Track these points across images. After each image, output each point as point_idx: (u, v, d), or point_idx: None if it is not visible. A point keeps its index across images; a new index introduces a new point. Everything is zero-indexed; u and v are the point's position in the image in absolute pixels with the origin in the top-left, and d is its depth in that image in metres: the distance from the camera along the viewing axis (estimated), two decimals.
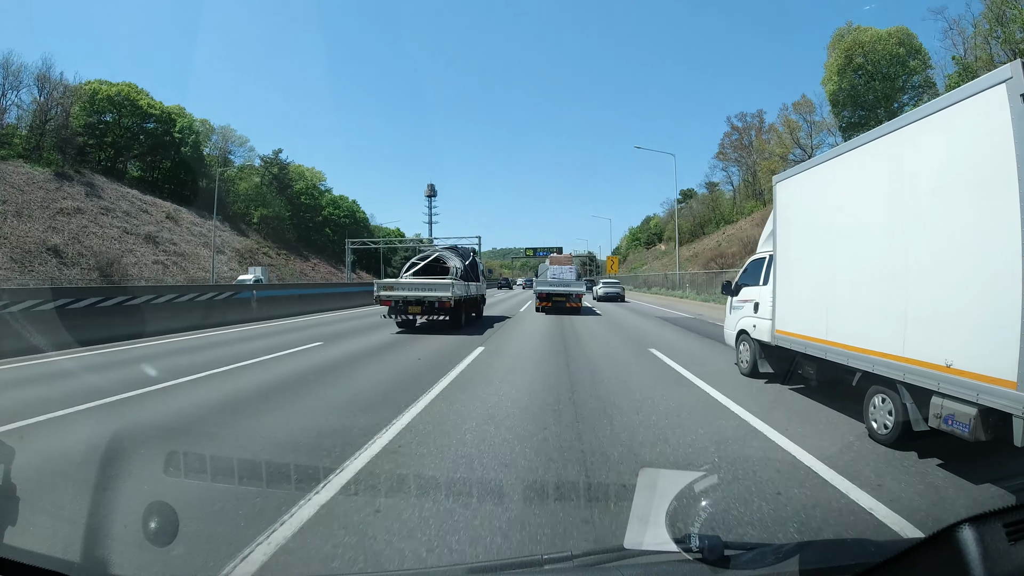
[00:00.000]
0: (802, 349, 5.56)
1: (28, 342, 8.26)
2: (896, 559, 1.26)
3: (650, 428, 4.63)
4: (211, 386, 6.19)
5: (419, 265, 14.23)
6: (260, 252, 50.12)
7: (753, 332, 6.89)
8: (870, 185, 4.58)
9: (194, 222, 44.83)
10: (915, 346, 3.84)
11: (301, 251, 60.35)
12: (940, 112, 3.73)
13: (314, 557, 2.46)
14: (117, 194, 39.48)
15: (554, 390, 6.08)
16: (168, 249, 38.52)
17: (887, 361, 4.12)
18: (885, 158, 4.33)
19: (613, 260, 62.43)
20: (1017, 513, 1.20)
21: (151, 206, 41.79)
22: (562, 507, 3.00)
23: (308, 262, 58.93)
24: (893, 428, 4.07)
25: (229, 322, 13.68)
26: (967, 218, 3.46)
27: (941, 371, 3.55)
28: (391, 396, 5.69)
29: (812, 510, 2.99)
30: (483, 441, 4.17)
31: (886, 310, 4.19)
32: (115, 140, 45.24)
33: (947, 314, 3.59)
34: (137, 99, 46.23)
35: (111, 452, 3.74)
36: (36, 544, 1.45)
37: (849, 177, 4.93)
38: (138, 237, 36.78)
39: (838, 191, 5.13)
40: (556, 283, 19.26)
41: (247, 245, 49.44)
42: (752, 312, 7.01)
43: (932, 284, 3.74)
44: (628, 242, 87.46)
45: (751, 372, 6.90)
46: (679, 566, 1.33)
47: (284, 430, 4.44)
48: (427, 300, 12.05)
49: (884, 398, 4.25)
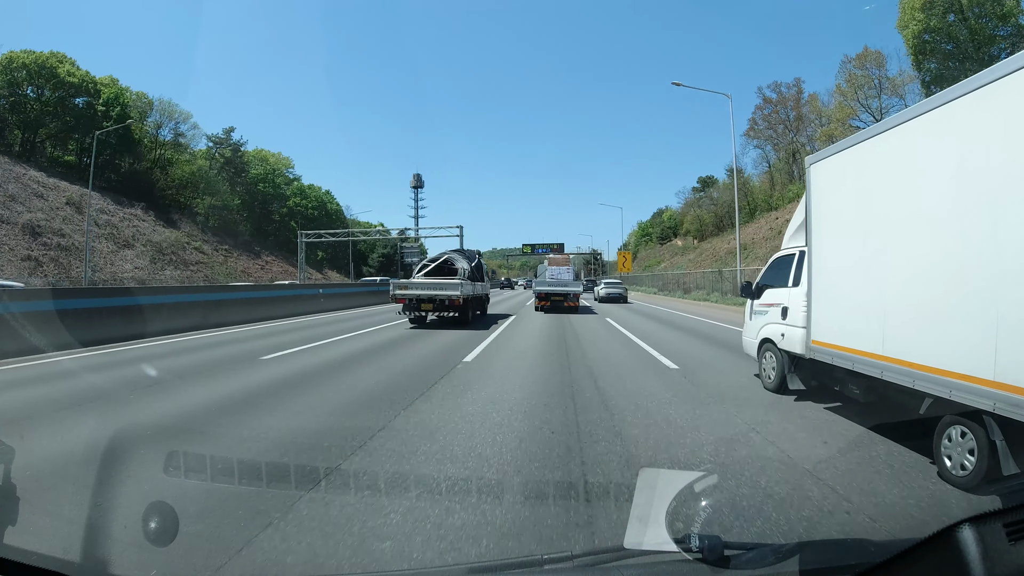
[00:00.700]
0: (847, 365, 4.62)
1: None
2: (896, 559, 1.26)
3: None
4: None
5: (430, 267, 15.60)
6: (191, 247, 43.38)
7: (781, 342, 5.92)
8: (949, 160, 3.58)
9: (106, 210, 38.20)
10: (1012, 368, 3.00)
11: (253, 247, 53.22)
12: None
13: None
14: (6, 175, 33.46)
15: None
16: (50, 242, 31.84)
17: (971, 386, 3.26)
18: (972, 124, 3.39)
19: (625, 256, 54.95)
20: (1017, 513, 1.20)
21: (51, 190, 35.54)
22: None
23: (258, 260, 51.80)
24: (975, 470, 3.26)
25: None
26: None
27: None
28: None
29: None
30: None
31: (971, 321, 3.30)
32: (38, 116, 39.89)
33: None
34: (58, 68, 39.98)
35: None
36: (36, 544, 1.45)
37: (916, 152, 3.95)
38: (13, 227, 30.47)
39: (901, 170, 4.10)
40: (554, 283, 20.29)
41: (171, 239, 41.86)
42: (779, 318, 6.07)
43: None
44: (637, 238, 78.33)
45: (778, 387, 5.92)
46: (679, 566, 1.33)
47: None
48: (438, 298, 13.36)
49: (964, 432, 3.42)
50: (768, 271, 6.71)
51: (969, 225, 3.38)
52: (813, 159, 5.52)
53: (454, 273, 15.02)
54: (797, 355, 5.62)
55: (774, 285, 6.40)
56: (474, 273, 15.43)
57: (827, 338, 5.00)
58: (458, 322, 13.92)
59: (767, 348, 6.30)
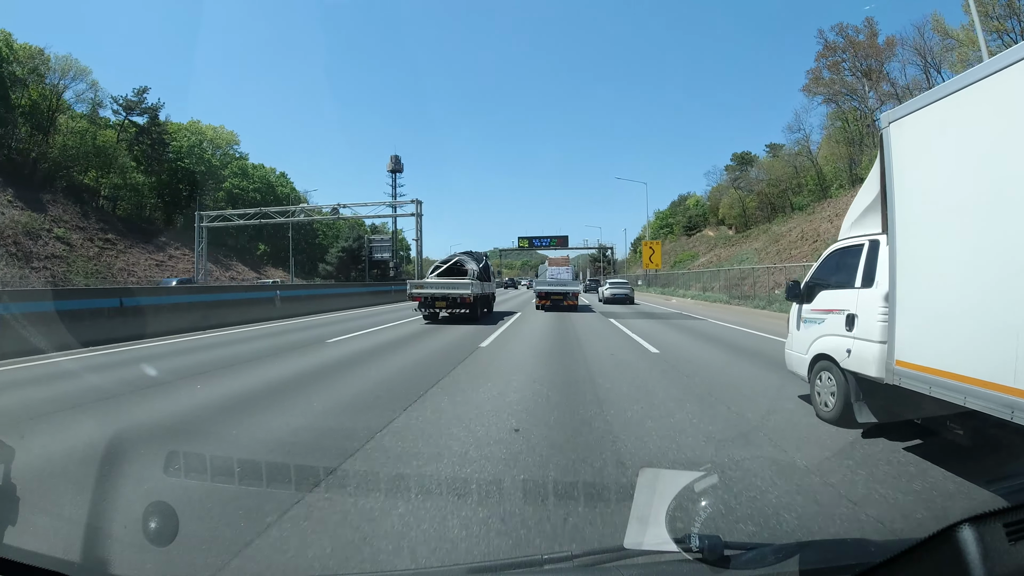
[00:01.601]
0: (955, 399, 3.34)
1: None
2: (896, 559, 1.26)
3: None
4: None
5: (442, 268, 17.03)
6: (50, 236, 34.22)
7: (845, 360, 4.61)
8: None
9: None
10: None
11: (156, 238, 42.65)
12: None
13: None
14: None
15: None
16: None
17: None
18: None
19: (653, 248, 41.07)
20: (1017, 513, 1.21)
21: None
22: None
23: (160, 253, 41.21)
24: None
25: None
26: None
27: None
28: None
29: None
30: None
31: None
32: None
33: None
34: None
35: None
36: (36, 544, 1.45)
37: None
38: None
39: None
40: (554, 283, 21.48)
41: (22, 223, 32.62)
42: (842, 328, 4.74)
43: None
44: (655, 230, 64.11)
45: (839, 418, 4.63)
46: (679, 566, 1.33)
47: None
48: (451, 296, 15.11)
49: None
50: (823, 267, 5.38)
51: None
52: (894, 114, 4.17)
53: (464, 274, 16.36)
54: (870, 378, 4.29)
55: (832, 285, 5.09)
56: (482, 273, 16.91)
57: (921, 359, 3.70)
58: (468, 318, 15.27)
59: (823, 367, 4.99)
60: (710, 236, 55.73)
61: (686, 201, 63.86)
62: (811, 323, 5.33)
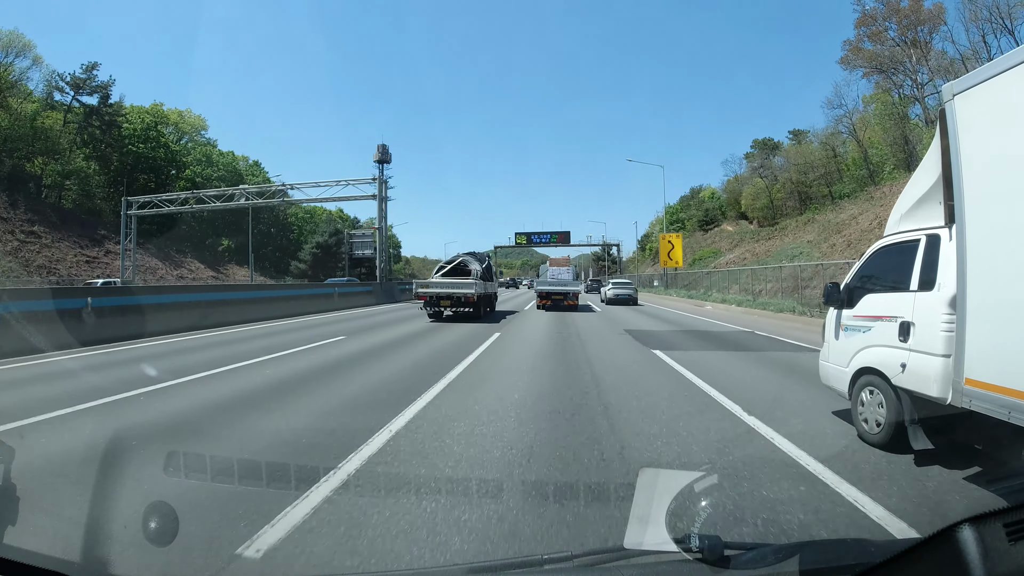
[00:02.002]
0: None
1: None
2: (896, 559, 1.26)
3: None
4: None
5: (446, 268, 17.58)
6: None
7: (898, 376, 3.94)
8: None
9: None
10: None
11: (95, 231, 37.34)
12: None
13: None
14: None
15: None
16: None
17: None
18: None
19: (673, 241, 36.40)
20: (1017, 513, 1.21)
21: None
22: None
23: (93, 250, 36.13)
24: None
25: None
26: None
27: None
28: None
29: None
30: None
31: None
32: None
33: None
34: None
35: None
36: (36, 544, 1.45)
37: None
38: None
39: None
40: (555, 283, 21.81)
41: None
42: (894, 339, 4.04)
43: None
44: (664, 225, 55.16)
45: (888, 441, 3.98)
46: (679, 566, 1.33)
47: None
48: (455, 295, 15.55)
49: None
50: (868, 267, 4.70)
51: None
52: (960, 84, 3.51)
53: (468, 274, 16.85)
54: (929, 398, 3.68)
55: (881, 288, 4.43)
56: (485, 273, 17.45)
57: (998, 378, 3.10)
58: (471, 317, 15.74)
59: (869, 382, 4.28)
60: (730, 231, 50.05)
61: (699, 194, 58.23)
62: (854, 331, 4.62)
